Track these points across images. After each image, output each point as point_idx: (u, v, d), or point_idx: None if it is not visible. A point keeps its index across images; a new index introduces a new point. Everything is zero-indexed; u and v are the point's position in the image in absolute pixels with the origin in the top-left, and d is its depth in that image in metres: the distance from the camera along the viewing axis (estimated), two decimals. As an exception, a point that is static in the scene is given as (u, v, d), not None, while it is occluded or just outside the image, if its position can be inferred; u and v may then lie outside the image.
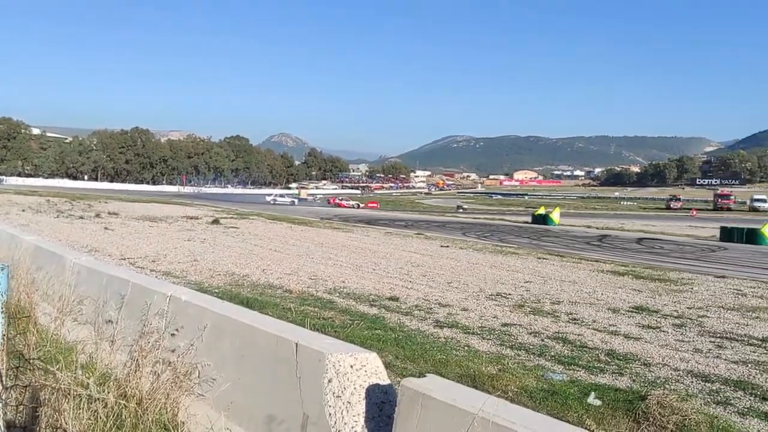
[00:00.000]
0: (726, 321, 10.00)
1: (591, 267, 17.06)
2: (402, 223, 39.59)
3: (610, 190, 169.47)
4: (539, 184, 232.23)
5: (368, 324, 9.06)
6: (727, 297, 12.41)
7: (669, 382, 6.68)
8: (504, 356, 7.56)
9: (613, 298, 11.93)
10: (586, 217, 59.76)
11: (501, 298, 11.72)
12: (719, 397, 6.17)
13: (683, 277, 15.29)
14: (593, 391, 6.05)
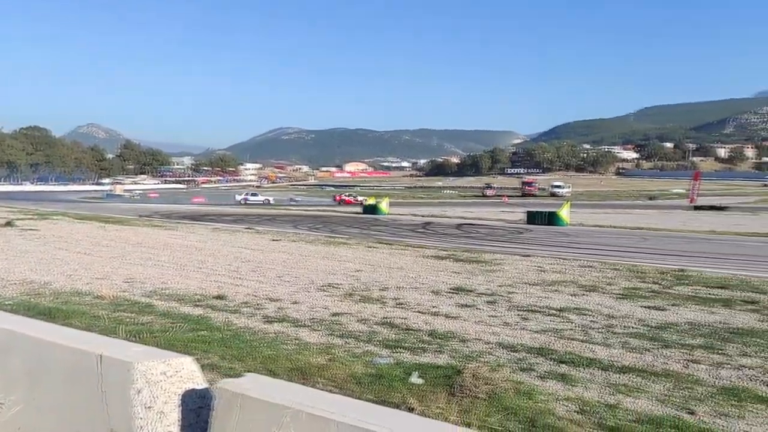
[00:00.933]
0: (530, 295, 11.18)
1: (416, 253, 18.01)
2: (231, 217, 38.40)
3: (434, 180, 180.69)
4: (369, 176, 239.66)
5: (192, 326, 8.63)
6: (531, 273, 13.89)
7: (482, 354, 7.29)
8: (333, 346, 7.68)
9: (435, 281, 12.72)
10: (412, 206, 63.00)
11: (332, 288, 11.89)
12: (524, 365, 6.87)
13: (495, 257, 16.80)
14: (415, 371, 6.39)
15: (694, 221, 36.53)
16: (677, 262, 15.78)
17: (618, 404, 5.61)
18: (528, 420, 5.15)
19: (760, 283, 12.61)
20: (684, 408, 5.54)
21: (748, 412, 5.46)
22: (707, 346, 7.64)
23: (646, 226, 31.62)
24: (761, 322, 9.05)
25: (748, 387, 6.12)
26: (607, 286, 12.22)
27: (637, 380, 6.35)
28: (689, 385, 6.19)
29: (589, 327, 8.71)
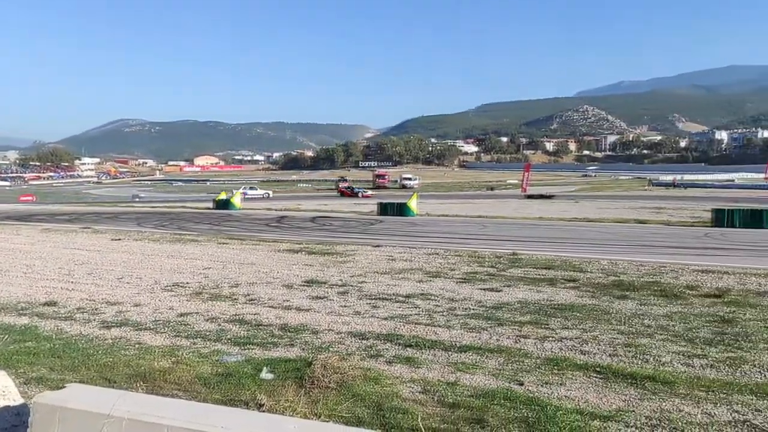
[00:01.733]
0: (380, 284, 11.50)
1: (269, 248, 17.71)
2: (65, 217, 34.92)
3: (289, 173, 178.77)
4: (221, 170, 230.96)
5: (16, 337, 7.75)
6: (381, 263, 14.30)
7: (333, 345, 7.37)
8: (179, 347, 7.31)
9: (288, 275, 12.61)
10: (266, 200, 61.84)
11: (178, 287, 11.31)
12: (372, 351, 7.06)
13: (348, 249, 17.05)
14: (265, 367, 6.29)
15: (526, 209, 39.89)
16: (511, 247, 17.12)
17: (457, 381, 5.97)
18: (375, 404, 5.30)
19: (579, 262, 14.09)
20: (514, 380, 6.04)
21: (567, 379, 6.08)
22: (535, 322, 8.40)
23: (486, 215, 33.96)
24: (579, 297, 10.12)
25: (567, 356, 6.82)
26: (450, 272, 12.93)
27: (475, 357, 6.81)
28: (519, 358, 6.76)
29: (433, 311, 9.17)
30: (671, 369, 6.27)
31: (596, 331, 7.85)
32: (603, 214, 33.11)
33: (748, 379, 5.94)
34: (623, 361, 6.59)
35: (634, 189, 77.07)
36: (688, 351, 6.88)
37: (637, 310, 9.00)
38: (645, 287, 10.72)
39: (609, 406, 5.30)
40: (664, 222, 27.61)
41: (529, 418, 4.98)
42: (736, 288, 10.58)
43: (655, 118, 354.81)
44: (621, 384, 5.86)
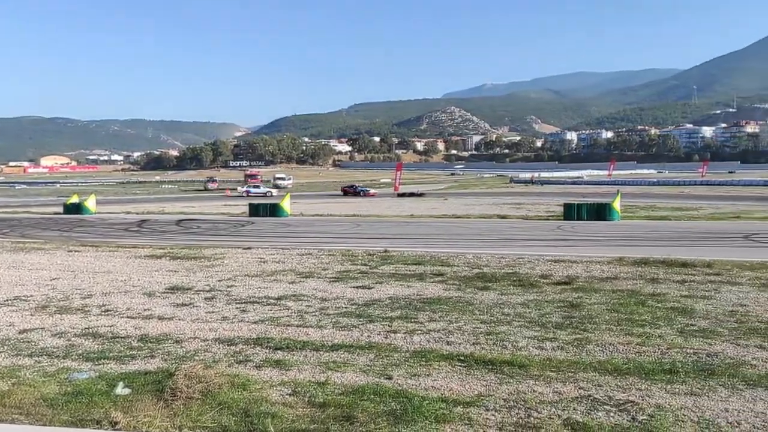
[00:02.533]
0: (250, 287, 11.25)
1: (128, 254, 16.63)
2: None
3: (152, 174, 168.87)
4: (73, 171, 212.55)
5: None
6: (252, 265, 13.99)
7: (199, 353, 7.09)
8: (21, 367, 6.64)
9: (149, 282, 11.92)
10: (126, 202, 57.87)
11: (20, 301, 10.26)
12: (241, 357, 6.88)
13: (216, 252, 16.47)
14: (121, 381, 5.90)
15: (398, 207, 41.02)
16: (383, 244, 17.51)
17: (328, 381, 6.00)
18: (242, 411, 5.17)
19: (447, 257, 14.74)
20: (384, 375, 6.18)
21: (433, 369, 6.34)
22: (404, 317, 8.66)
23: (359, 213, 34.45)
24: (446, 290, 10.59)
25: (434, 348, 7.11)
26: (322, 271, 12.96)
27: (346, 356, 6.88)
28: (389, 353, 6.93)
29: (304, 312, 9.13)
30: (526, 353, 6.76)
31: (461, 322, 8.26)
32: (469, 211, 34.91)
33: (592, 357, 6.56)
34: (484, 348, 7.00)
35: (497, 186, 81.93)
36: (541, 335, 7.46)
37: (497, 300, 9.61)
38: (505, 278, 11.48)
39: (471, 392, 5.61)
40: (522, 217, 29.71)
41: (397, 411, 5.12)
42: (582, 275, 11.66)
43: (515, 119, 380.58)
44: (482, 370, 6.22)
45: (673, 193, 53.15)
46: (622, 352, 6.74)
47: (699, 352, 6.63)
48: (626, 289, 10.21)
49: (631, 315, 8.36)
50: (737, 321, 7.96)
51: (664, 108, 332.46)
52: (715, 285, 10.40)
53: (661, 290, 10.06)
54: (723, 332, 7.43)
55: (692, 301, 9.15)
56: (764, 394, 5.40)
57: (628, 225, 24.39)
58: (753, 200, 40.98)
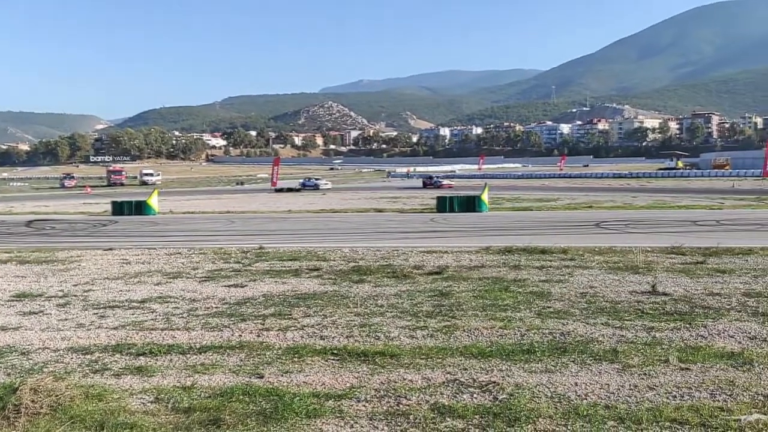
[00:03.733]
0: (110, 291, 10.51)
1: (-34, 260, 14.87)
2: None
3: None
4: None
5: None
6: (114, 268, 13.09)
7: (49, 364, 6.50)
8: None
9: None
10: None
11: None
12: (97, 366, 6.41)
13: (72, 255, 15.21)
14: (-48, 402, 5.26)
15: (275, 202, 40.38)
16: (259, 241, 17.13)
17: (194, 385, 5.75)
18: (97, 424, 4.81)
19: (323, 252, 14.73)
20: (254, 374, 6.04)
21: (306, 365, 6.30)
22: (278, 314, 8.53)
23: (234, 210, 33.47)
24: (322, 285, 10.58)
25: (308, 343, 7.06)
26: (192, 271, 12.42)
27: (215, 357, 6.64)
28: (261, 351, 6.79)
29: (171, 314, 8.70)
30: (398, 342, 6.93)
31: (335, 316, 8.29)
32: (347, 205, 35.18)
33: (459, 343, 6.87)
34: (358, 340, 7.08)
35: (375, 180, 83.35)
36: (413, 324, 7.69)
37: (372, 292, 9.76)
38: (380, 270, 11.69)
39: (343, 385, 5.64)
40: (398, 210, 30.46)
41: (267, 410, 5.03)
42: (453, 265, 12.17)
43: (391, 115, 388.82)
44: (355, 362, 6.29)
45: (536, 186, 57.12)
46: (486, 336, 7.12)
47: (554, 332, 7.17)
48: (492, 277, 10.80)
49: (496, 300, 8.86)
50: (587, 302, 8.70)
51: (527, 106, 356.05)
52: (570, 269, 11.30)
53: (522, 276, 10.76)
54: (575, 312, 8.09)
55: (549, 285, 9.88)
56: (608, 367, 5.94)
57: (495, 216, 25.83)
58: (603, 191, 45.11)
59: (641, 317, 7.76)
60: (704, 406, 4.86)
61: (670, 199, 33.71)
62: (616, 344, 6.61)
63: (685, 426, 4.54)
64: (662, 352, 6.27)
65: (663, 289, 9.26)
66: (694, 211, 25.97)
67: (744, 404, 4.92)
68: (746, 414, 4.70)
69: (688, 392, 5.21)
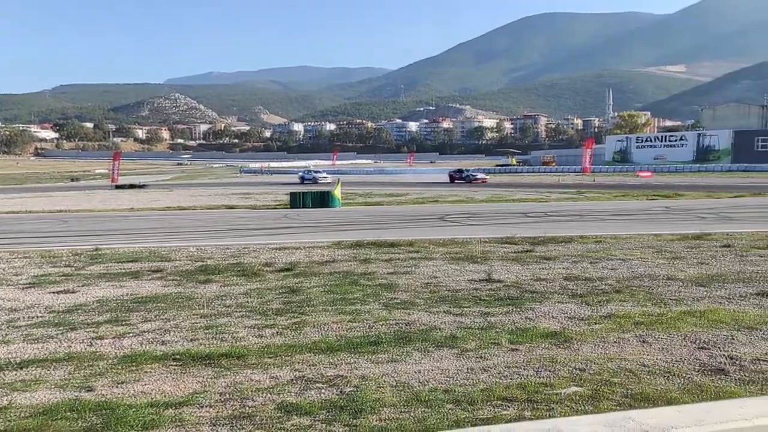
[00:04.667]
0: None
1: None
2: None
3: None
4: None
5: None
6: None
7: None
8: None
9: None
10: None
11: None
12: None
13: None
14: None
15: (115, 200, 37.45)
16: (95, 242, 15.73)
17: (11, 404, 5.11)
18: None
19: (167, 252, 13.87)
20: (84, 387, 5.51)
21: (144, 373, 5.87)
22: (113, 320, 7.87)
23: (67, 208, 30.49)
24: (165, 287, 9.95)
25: (146, 350, 6.59)
26: (13, 277, 11.08)
27: (38, 372, 5.97)
28: (92, 362, 6.21)
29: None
30: (245, 343, 6.72)
31: (178, 319, 7.84)
32: (196, 202, 33.64)
33: (308, 339, 6.82)
34: (202, 343, 6.75)
35: (226, 176, 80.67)
36: (261, 323, 7.50)
37: (219, 292, 9.38)
38: (228, 269, 11.28)
39: (184, 392, 5.34)
40: (250, 206, 29.73)
41: (97, 426, 4.61)
42: (304, 261, 12.10)
43: (243, 109, 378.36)
44: (198, 366, 5.99)
45: (386, 181, 58.87)
46: (335, 330, 7.15)
47: (399, 323, 7.39)
48: (342, 271, 10.89)
49: (345, 295, 8.94)
50: (430, 292, 9.09)
51: (378, 104, 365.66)
52: (415, 261, 11.75)
53: (371, 269, 10.98)
54: (419, 302, 8.41)
55: (396, 277, 10.18)
56: (448, 352, 6.24)
57: (347, 211, 26.17)
58: (448, 186, 47.71)
59: (478, 304, 8.27)
60: (530, 383, 5.28)
61: (506, 193, 36.51)
62: (455, 330, 6.97)
63: (514, 402, 4.89)
64: (495, 336, 6.72)
65: (497, 277, 9.95)
66: (526, 204, 28.35)
67: (563, 378, 5.43)
68: (565, 387, 5.18)
69: (516, 371, 5.64)
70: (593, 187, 41.36)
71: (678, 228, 16.14)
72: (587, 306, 7.99)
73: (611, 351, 6.14)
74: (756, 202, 26.45)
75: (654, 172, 62.86)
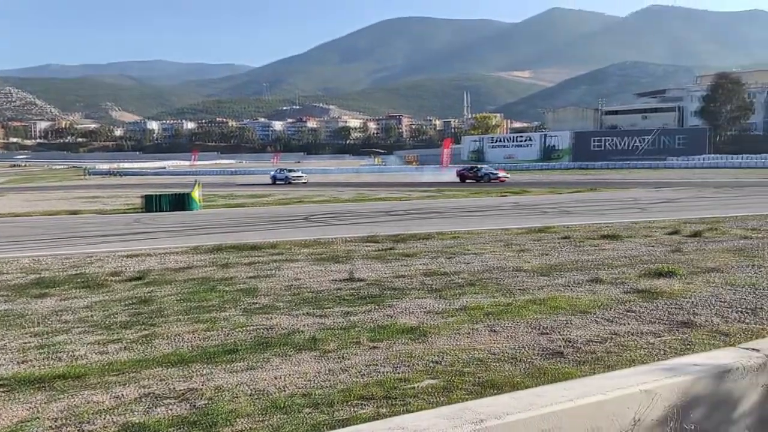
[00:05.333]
0: None
1: None
2: None
3: None
4: None
5: None
6: None
7: None
8: None
9: None
10: None
11: None
12: None
13: None
14: None
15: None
16: None
17: None
18: None
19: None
20: None
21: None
22: None
23: None
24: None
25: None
26: None
27: None
28: None
29: None
30: (85, 361, 6.16)
31: (6, 340, 7.01)
32: (33, 207, 30.48)
33: (158, 352, 6.40)
34: (34, 365, 6.09)
35: (71, 179, 74.17)
36: (105, 338, 6.93)
37: (57, 307, 8.53)
38: (69, 281, 10.30)
39: (10, 421, 4.77)
40: (97, 211, 27.53)
41: None
42: (157, 268, 11.39)
43: (89, 105, 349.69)
44: (28, 392, 5.37)
45: (250, 182, 57.44)
46: (188, 341, 6.79)
47: (259, 328, 7.20)
48: (199, 277, 10.41)
49: (201, 302, 8.54)
50: (293, 294, 8.97)
51: (240, 102, 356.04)
52: (278, 264, 11.54)
53: (231, 274, 10.61)
54: (280, 306, 8.26)
55: (257, 281, 9.93)
56: (308, 355, 6.18)
57: (207, 213, 25.15)
58: (314, 186, 47.64)
59: (340, 304, 8.29)
60: (388, 380, 5.38)
61: (370, 192, 37.20)
62: (316, 332, 6.93)
63: (372, 401, 4.95)
64: (356, 335, 6.77)
65: (360, 276, 10.06)
66: (389, 202, 29.11)
67: (419, 372, 5.59)
68: (420, 381, 5.34)
69: (375, 369, 5.72)
70: (451, 186, 43.47)
71: (525, 222, 17.42)
72: (443, 300, 8.33)
73: (464, 342, 6.44)
74: (591, 197, 29.35)
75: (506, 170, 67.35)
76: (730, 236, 13.40)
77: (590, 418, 2.70)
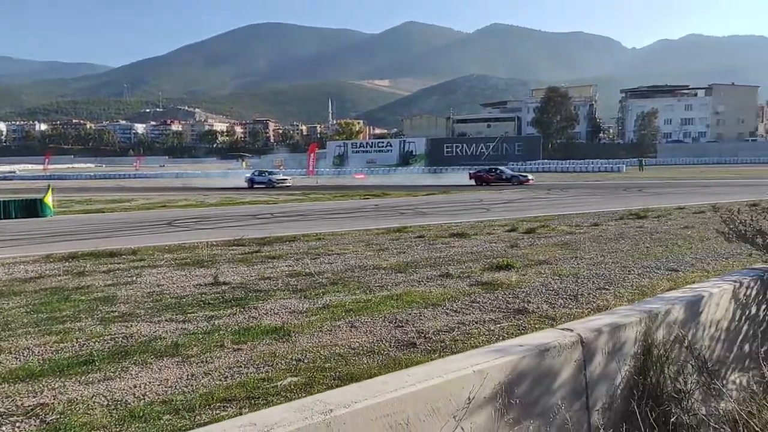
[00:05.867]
0: None
1: None
2: None
3: None
4: None
5: None
6: None
7: None
8: None
9: None
10: None
11: None
12: None
13: None
14: None
15: None
16: None
17: None
18: None
19: None
20: None
21: None
22: None
23: None
24: None
25: None
26: None
27: None
28: None
29: None
30: None
31: None
32: None
33: (2, 368, 5.76)
34: None
35: None
36: (-62, 359, 6.08)
37: None
38: None
39: None
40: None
41: None
42: (3, 278, 10.21)
43: None
44: None
45: (110, 186, 53.27)
46: (38, 354, 6.18)
47: (117, 337, 6.73)
48: (51, 287, 9.47)
49: (53, 313, 7.79)
50: (154, 300, 8.48)
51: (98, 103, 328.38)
52: (138, 270, 10.84)
53: (87, 282, 9.78)
54: (141, 313, 7.77)
55: (116, 289, 9.25)
56: (169, 362, 5.88)
57: (62, 220, 22.90)
58: (179, 190, 45.22)
59: (203, 308, 7.99)
60: (250, 381, 5.30)
61: (237, 196, 36.11)
62: (178, 338, 6.63)
63: (234, 402, 4.85)
64: (219, 338, 6.58)
65: (224, 279, 9.76)
66: (256, 206, 28.44)
67: (282, 371, 5.56)
68: (282, 380, 5.32)
69: (238, 370, 5.60)
70: (317, 189, 43.53)
71: (384, 223, 17.95)
72: (307, 300, 8.34)
73: (325, 339, 6.52)
74: (443, 199, 30.92)
75: (367, 174, 68.74)
76: (558, 232, 14.83)
77: (430, 400, 2.86)
